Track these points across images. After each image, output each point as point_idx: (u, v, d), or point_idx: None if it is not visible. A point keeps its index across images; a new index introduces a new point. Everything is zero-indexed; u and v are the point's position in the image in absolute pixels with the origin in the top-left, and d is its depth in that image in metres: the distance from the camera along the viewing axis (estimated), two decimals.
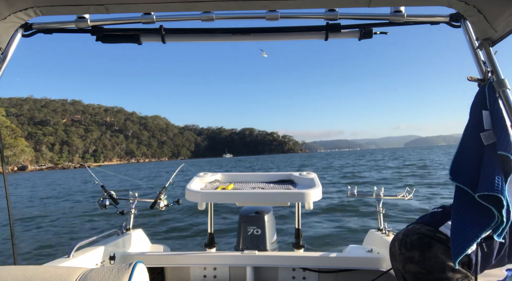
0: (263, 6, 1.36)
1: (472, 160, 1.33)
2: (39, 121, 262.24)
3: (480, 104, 1.36)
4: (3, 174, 1.64)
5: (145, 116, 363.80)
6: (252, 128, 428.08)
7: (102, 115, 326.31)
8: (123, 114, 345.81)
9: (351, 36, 1.87)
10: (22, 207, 14.13)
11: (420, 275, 1.42)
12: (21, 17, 1.40)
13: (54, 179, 41.68)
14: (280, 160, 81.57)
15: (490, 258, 1.43)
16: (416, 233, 1.50)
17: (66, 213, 10.90)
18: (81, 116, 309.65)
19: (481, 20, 1.38)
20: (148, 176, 32.98)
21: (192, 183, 2.42)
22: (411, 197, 2.62)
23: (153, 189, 9.50)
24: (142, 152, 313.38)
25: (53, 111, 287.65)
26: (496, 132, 1.29)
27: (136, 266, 0.92)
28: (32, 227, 9.09)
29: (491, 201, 1.24)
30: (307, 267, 2.42)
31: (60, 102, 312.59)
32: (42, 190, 22.74)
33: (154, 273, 2.56)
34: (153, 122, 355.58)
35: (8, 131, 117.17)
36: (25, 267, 0.94)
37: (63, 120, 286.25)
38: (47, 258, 5.54)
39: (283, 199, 2.24)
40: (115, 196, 2.84)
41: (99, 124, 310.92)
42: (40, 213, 11.79)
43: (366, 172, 25.19)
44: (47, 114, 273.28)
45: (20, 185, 32.44)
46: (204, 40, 1.90)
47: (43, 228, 8.77)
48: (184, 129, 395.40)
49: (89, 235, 2.26)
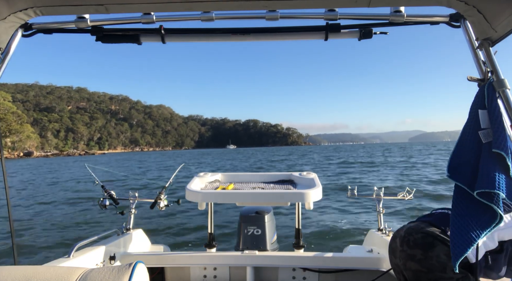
0: (263, 6, 1.36)
1: (469, 158, 1.34)
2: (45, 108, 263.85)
3: (479, 104, 1.37)
4: (3, 174, 1.61)
5: (149, 105, 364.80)
6: (256, 120, 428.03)
7: (107, 103, 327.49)
8: (128, 102, 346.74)
9: (351, 36, 1.87)
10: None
11: (421, 273, 1.41)
12: (21, 17, 1.40)
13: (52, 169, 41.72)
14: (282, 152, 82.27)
15: (491, 271, 1.42)
16: (420, 232, 1.48)
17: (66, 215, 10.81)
18: (86, 103, 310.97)
19: (481, 20, 1.37)
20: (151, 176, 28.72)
21: (192, 183, 2.43)
22: (411, 197, 2.62)
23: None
24: (146, 140, 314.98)
25: (59, 98, 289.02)
26: (493, 130, 1.30)
27: (136, 266, 0.92)
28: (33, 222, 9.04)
29: (491, 199, 1.23)
30: (307, 267, 2.42)
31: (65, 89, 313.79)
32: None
33: (154, 273, 2.56)
34: (158, 111, 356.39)
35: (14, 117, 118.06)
36: (25, 267, 0.94)
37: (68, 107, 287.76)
38: (47, 258, 5.52)
39: (283, 199, 2.25)
40: (115, 196, 2.83)
41: (104, 112, 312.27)
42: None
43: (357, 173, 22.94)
44: (52, 101, 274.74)
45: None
46: (204, 40, 1.91)
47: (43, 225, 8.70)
48: (188, 119, 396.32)
49: (89, 235, 2.28)
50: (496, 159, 1.27)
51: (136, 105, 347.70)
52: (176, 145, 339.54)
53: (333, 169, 25.02)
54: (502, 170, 1.25)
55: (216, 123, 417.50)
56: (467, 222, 1.28)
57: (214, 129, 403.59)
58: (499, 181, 1.22)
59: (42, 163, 56.54)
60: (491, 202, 1.23)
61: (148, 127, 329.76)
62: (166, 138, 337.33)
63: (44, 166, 44.43)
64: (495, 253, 1.39)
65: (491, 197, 1.23)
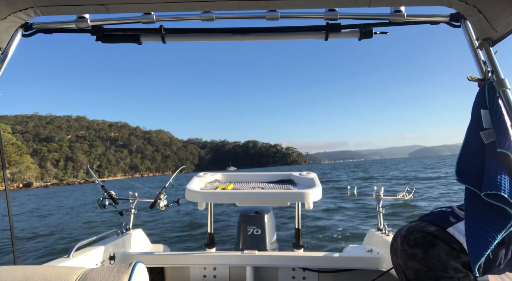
0: (263, 6, 1.36)
1: (476, 159, 1.32)
2: (44, 138, 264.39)
3: (480, 104, 1.36)
4: (4, 174, 1.62)
5: (149, 130, 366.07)
6: (256, 141, 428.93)
7: (107, 131, 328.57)
8: (127, 129, 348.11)
9: (351, 36, 1.87)
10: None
11: (421, 272, 1.41)
12: (21, 17, 1.40)
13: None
14: None
15: (492, 265, 1.41)
16: (421, 231, 1.48)
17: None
18: (85, 132, 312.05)
19: (481, 20, 1.37)
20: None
21: (192, 183, 2.41)
22: (411, 196, 2.62)
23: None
24: (146, 166, 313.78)
25: (58, 127, 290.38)
26: (495, 130, 1.28)
27: (136, 266, 0.92)
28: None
29: (500, 199, 1.21)
30: (307, 267, 2.42)
31: (64, 119, 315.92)
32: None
33: (154, 273, 2.56)
34: (157, 136, 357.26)
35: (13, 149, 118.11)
36: (25, 267, 0.94)
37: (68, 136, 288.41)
38: (47, 258, 5.50)
39: (283, 199, 2.23)
40: (115, 196, 2.83)
41: (104, 139, 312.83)
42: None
43: None
44: (52, 131, 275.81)
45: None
46: (204, 40, 1.90)
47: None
48: (187, 143, 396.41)
49: (89, 235, 2.26)
50: (501, 158, 1.25)
51: (135, 131, 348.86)
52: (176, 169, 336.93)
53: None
54: (507, 170, 1.23)
55: (215, 145, 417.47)
56: (481, 225, 1.26)
57: (213, 151, 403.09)
58: (505, 181, 1.20)
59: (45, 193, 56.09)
60: (501, 203, 1.20)
61: (147, 153, 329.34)
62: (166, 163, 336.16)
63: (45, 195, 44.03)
64: (496, 246, 1.37)
65: (500, 197, 1.20)
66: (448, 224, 1.47)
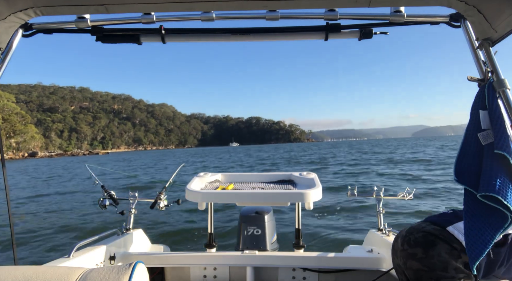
0: (263, 6, 1.36)
1: (474, 160, 1.33)
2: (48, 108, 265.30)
3: (480, 105, 1.37)
4: (3, 174, 1.61)
5: (152, 104, 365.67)
6: (259, 117, 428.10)
7: (110, 103, 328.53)
8: (130, 102, 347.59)
9: (351, 36, 1.87)
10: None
11: (422, 272, 1.40)
12: (21, 17, 1.40)
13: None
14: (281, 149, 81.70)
15: (494, 266, 1.41)
16: (421, 230, 1.48)
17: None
18: (89, 103, 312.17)
19: (481, 20, 1.37)
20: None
21: (192, 183, 2.43)
22: (411, 197, 2.59)
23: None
24: (149, 139, 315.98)
25: (62, 98, 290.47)
26: (494, 131, 1.29)
27: (136, 266, 0.92)
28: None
29: (497, 201, 1.22)
30: (307, 267, 2.42)
31: (68, 89, 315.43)
32: None
33: (154, 273, 2.56)
34: (160, 110, 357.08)
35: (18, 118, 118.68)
36: (25, 267, 0.94)
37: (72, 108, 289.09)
38: (47, 258, 5.55)
39: (283, 199, 2.24)
40: (115, 196, 2.83)
41: (107, 111, 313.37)
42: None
43: None
44: (55, 101, 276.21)
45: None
46: (204, 40, 1.91)
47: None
48: (191, 117, 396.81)
49: (89, 235, 2.27)
50: (499, 160, 1.25)
51: (138, 105, 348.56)
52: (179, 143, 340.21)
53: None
54: (505, 171, 1.23)
55: (218, 121, 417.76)
56: (479, 224, 1.27)
57: (216, 127, 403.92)
58: (500, 183, 1.21)
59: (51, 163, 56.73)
60: (496, 204, 1.21)
61: (151, 126, 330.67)
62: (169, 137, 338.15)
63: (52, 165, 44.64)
64: (497, 247, 1.38)
65: (495, 198, 1.21)
66: (448, 223, 1.47)
